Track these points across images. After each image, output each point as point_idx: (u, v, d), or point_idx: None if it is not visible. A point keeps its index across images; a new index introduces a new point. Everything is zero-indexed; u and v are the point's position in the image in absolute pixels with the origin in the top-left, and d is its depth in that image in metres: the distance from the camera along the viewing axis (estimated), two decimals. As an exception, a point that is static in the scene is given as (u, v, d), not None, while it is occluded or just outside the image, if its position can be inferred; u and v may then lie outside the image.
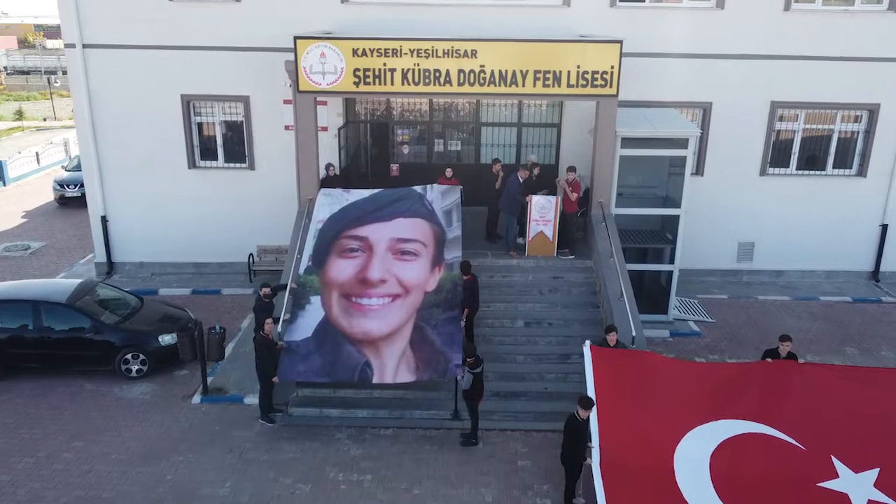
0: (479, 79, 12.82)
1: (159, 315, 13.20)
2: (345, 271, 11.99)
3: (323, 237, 12.66)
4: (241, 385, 12.06)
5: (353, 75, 12.80)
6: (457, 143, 16.65)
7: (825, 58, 15.37)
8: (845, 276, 16.94)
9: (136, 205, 16.24)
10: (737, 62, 15.35)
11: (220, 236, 16.42)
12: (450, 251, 12.42)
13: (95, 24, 15.11)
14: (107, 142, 15.85)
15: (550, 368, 11.97)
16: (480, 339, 12.12)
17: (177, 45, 15.21)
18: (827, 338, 14.37)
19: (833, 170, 16.30)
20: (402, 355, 11.01)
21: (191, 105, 15.75)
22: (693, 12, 15.18)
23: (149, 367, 12.37)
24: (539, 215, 13.20)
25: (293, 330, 11.25)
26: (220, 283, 16.41)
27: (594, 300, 12.90)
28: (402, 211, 12.94)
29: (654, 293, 14.85)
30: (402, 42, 12.64)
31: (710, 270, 16.79)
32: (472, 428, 10.71)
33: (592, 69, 12.77)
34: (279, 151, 15.59)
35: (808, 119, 16.01)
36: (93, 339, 12.17)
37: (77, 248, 18.90)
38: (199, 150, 16.10)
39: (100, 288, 13.30)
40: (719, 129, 15.77)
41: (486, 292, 12.68)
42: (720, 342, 14.12)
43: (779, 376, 10.09)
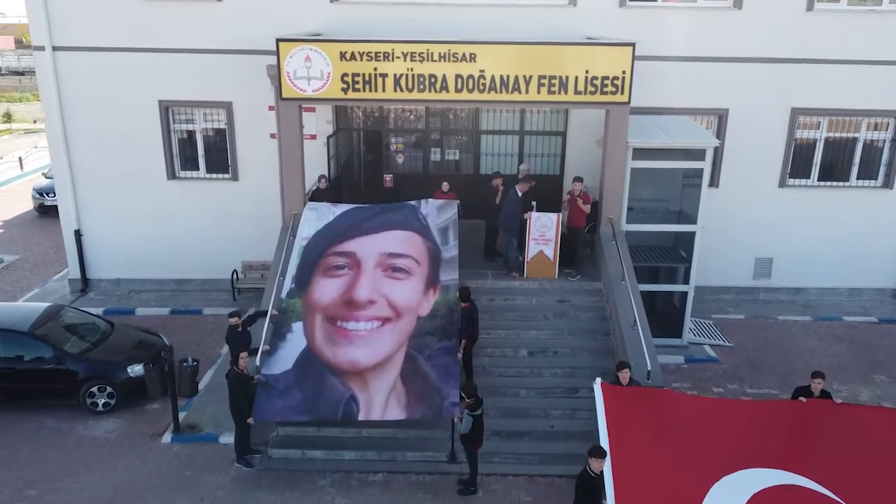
0: (479, 85, 11.76)
1: (131, 341, 12.15)
2: (329, 292, 10.94)
3: (307, 255, 11.60)
4: (217, 421, 10.99)
5: (341, 81, 11.74)
6: (455, 152, 15.58)
7: (850, 61, 14.31)
8: (869, 293, 15.87)
9: (112, 218, 15.18)
10: (755, 66, 14.28)
11: (202, 251, 15.35)
12: (446, 272, 11.36)
13: (66, 25, 14.05)
14: (80, 151, 14.79)
15: (556, 404, 10.91)
16: (480, 371, 11.07)
17: (154, 47, 14.15)
18: (854, 364, 13.30)
19: (857, 181, 15.23)
20: (392, 389, 9.94)
21: (170, 111, 14.69)
22: (708, 12, 14.12)
23: (117, 400, 11.31)
24: (538, 234, 12.13)
25: (272, 362, 10.19)
26: (201, 301, 15.34)
27: (604, 327, 11.84)
28: (394, 223, 11.90)
29: (666, 314, 13.78)
30: (395, 45, 11.58)
31: (725, 288, 15.73)
32: (470, 475, 9.64)
33: (602, 74, 11.71)
34: (265, 161, 14.51)
35: (831, 127, 14.94)
36: (55, 370, 11.11)
37: (53, 262, 17.83)
38: (179, 159, 15.03)
39: (66, 313, 12.24)
40: (736, 138, 14.71)
41: (486, 317, 11.63)
42: (739, 369, 13.06)
43: (814, 419, 9.04)
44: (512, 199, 12.52)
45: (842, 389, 12.44)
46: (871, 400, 12.20)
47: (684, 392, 12.13)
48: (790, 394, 10.46)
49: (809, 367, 12.97)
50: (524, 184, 12.68)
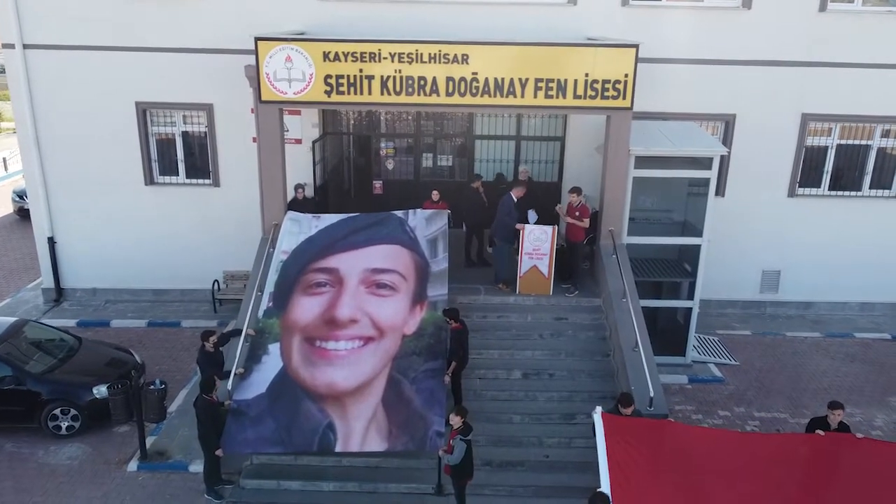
0: (472, 88, 11.02)
1: (99, 359, 11.39)
2: (310, 311, 10.20)
3: (287, 271, 10.86)
4: (187, 447, 10.24)
5: (325, 83, 11.00)
6: (448, 157, 14.84)
7: (865, 65, 13.56)
8: (882, 308, 15.13)
9: (87, 225, 14.43)
10: (764, 69, 13.54)
11: (181, 260, 14.61)
12: (434, 287, 10.63)
13: (38, 22, 13.29)
14: (53, 155, 14.04)
15: (552, 431, 10.15)
16: (470, 395, 10.33)
17: (131, 46, 13.39)
18: (868, 386, 12.56)
19: (870, 190, 14.49)
20: (373, 417, 9.21)
21: (147, 114, 13.94)
22: (716, 13, 13.37)
23: (81, 423, 10.56)
24: (532, 248, 11.38)
25: (245, 387, 9.45)
26: (180, 313, 14.59)
27: (604, 347, 11.10)
28: (379, 237, 11.15)
29: (669, 331, 13.05)
30: (382, 45, 10.83)
31: (731, 301, 15.00)
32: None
33: (603, 78, 10.97)
34: (247, 166, 13.69)
35: (843, 133, 14.20)
36: (14, 390, 10.35)
37: (28, 269, 17.06)
38: (157, 164, 14.27)
39: (30, 328, 11.48)
40: (743, 145, 13.96)
41: (478, 336, 10.89)
42: (746, 390, 12.32)
43: (832, 456, 8.29)
44: (506, 203, 11.79)
45: (855, 413, 11.70)
46: (886, 425, 11.47)
47: (690, 418, 11.47)
48: (801, 418, 9.81)
49: (820, 389, 12.39)
50: (520, 188, 11.95)
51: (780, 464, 8.22)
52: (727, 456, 8.37)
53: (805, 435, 8.76)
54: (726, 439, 8.99)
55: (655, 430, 8.72)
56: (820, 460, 8.29)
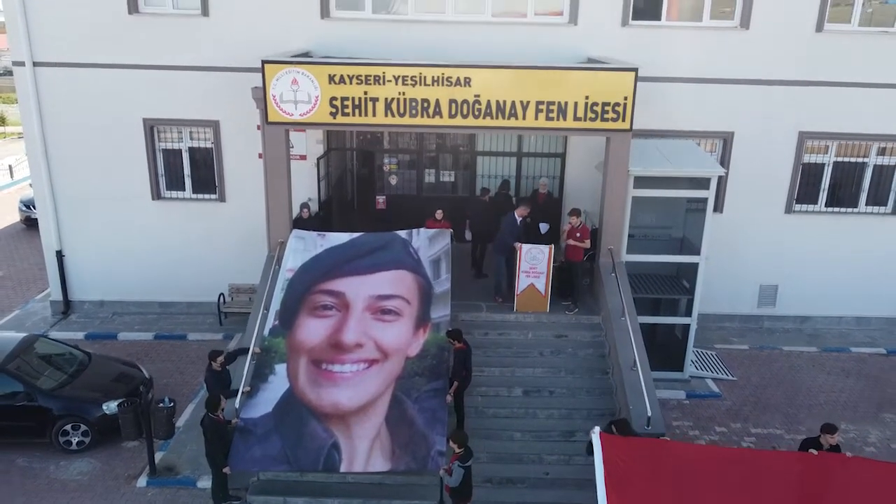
0: (474, 110, 11.23)
1: (108, 374, 11.63)
2: (316, 333, 10.40)
3: (293, 290, 11.07)
4: (196, 463, 10.46)
5: (330, 105, 11.22)
6: (450, 173, 15.06)
7: (860, 84, 13.77)
8: (878, 322, 15.34)
9: (95, 239, 14.66)
10: (762, 88, 13.76)
11: (188, 274, 14.84)
12: (437, 309, 10.84)
13: (47, 40, 13.51)
14: (61, 169, 14.27)
15: (552, 448, 10.37)
16: (472, 412, 10.55)
17: (138, 63, 13.62)
18: (863, 402, 12.77)
19: (866, 207, 14.69)
20: (377, 437, 9.43)
21: (155, 130, 14.17)
22: (714, 33, 13.58)
23: (91, 438, 10.79)
24: (529, 266, 11.59)
25: (252, 406, 9.67)
26: (187, 325, 14.82)
27: (603, 364, 11.31)
28: (384, 262, 11.34)
29: (667, 346, 13.26)
30: (386, 68, 11.05)
31: (729, 316, 15.21)
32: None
33: (603, 100, 11.18)
34: (253, 181, 13.94)
35: (840, 151, 14.41)
36: (26, 407, 10.59)
37: (37, 280, 17.29)
38: (164, 179, 14.50)
39: (41, 343, 11.71)
40: (741, 162, 14.18)
41: (479, 353, 11.07)
42: (743, 406, 12.53)
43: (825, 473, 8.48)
44: (509, 222, 12.01)
45: (850, 430, 11.92)
46: (880, 441, 11.69)
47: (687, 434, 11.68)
48: (797, 434, 10.06)
49: (816, 405, 12.61)
50: (523, 208, 12.15)
51: (774, 481, 8.42)
52: (723, 473, 8.55)
53: (798, 453, 8.97)
54: (722, 456, 9.19)
55: (652, 448, 8.90)
56: (812, 478, 8.49)
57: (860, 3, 13.47)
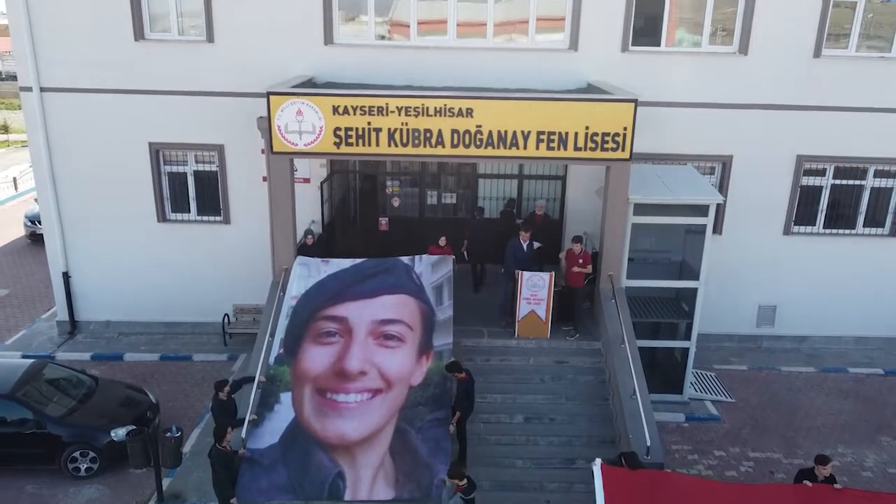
0: (476, 140, 11.40)
1: (115, 399, 11.80)
2: (320, 361, 10.58)
3: (297, 318, 11.24)
4: (202, 490, 10.62)
5: (334, 135, 11.39)
6: (452, 195, 15.22)
7: (858, 108, 13.93)
8: (875, 342, 15.49)
9: (101, 260, 14.83)
10: (761, 112, 13.91)
11: (193, 295, 15.01)
12: (440, 336, 11.01)
13: (54, 66, 13.68)
14: (68, 192, 14.45)
15: (552, 475, 10.53)
16: (474, 439, 10.72)
17: (144, 89, 13.79)
18: (860, 424, 12.92)
19: (864, 229, 14.85)
20: (381, 465, 9.61)
21: (160, 154, 14.34)
22: (713, 58, 13.75)
23: (100, 465, 10.96)
24: (529, 293, 11.76)
25: (258, 435, 9.84)
26: (192, 346, 14.99)
27: (603, 391, 11.48)
28: (387, 286, 11.52)
29: (667, 367, 13.41)
30: (389, 99, 11.22)
31: (728, 335, 15.36)
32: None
33: (603, 130, 11.35)
34: (257, 204, 14.12)
35: (838, 174, 14.56)
36: (36, 434, 10.76)
37: (43, 298, 17.44)
38: (169, 202, 14.68)
39: (49, 369, 11.87)
40: (740, 184, 14.34)
41: (481, 379, 11.21)
42: (741, 429, 12.69)
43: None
44: (515, 246, 12.19)
45: (846, 453, 12.09)
46: (876, 465, 11.83)
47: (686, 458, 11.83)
48: (794, 458, 10.19)
49: (814, 428, 12.76)
50: (527, 232, 12.32)
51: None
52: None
53: (794, 486, 9.13)
54: (720, 490, 9.37)
55: (652, 480, 9.07)
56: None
57: (857, 30, 13.62)
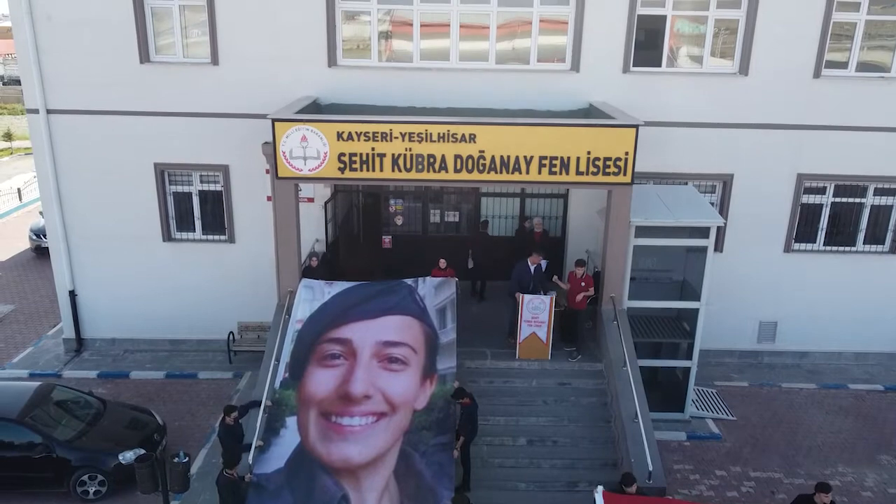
0: (479, 165, 11.52)
1: (122, 422, 11.93)
2: (325, 384, 10.70)
3: (302, 341, 11.37)
4: (210, 513, 10.78)
5: (338, 161, 11.51)
6: (454, 213, 15.35)
7: (858, 128, 14.03)
8: (875, 357, 15.60)
9: (107, 279, 14.97)
10: (761, 132, 14.03)
11: (198, 312, 15.15)
12: (443, 360, 11.13)
13: (60, 88, 13.82)
14: (74, 212, 14.58)
15: (555, 499, 10.65)
16: (478, 462, 10.84)
17: (149, 110, 13.92)
18: (860, 443, 13.02)
19: (864, 246, 14.95)
20: (385, 489, 9.73)
21: (165, 174, 14.47)
22: (714, 78, 13.85)
23: (108, 487, 11.09)
24: (531, 316, 11.88)
25: (264, 461, 9.97)
26: (197, 363, 15.13)
27: (605, 413, 11.59)
28: (390, 307, 11.65)
29: (668, 386, 13.54)
30: (393, 125, 11.34)
31: (729, 351, 15.48)
32: (464, 584, 9.40)
33: (605, 155, 11.46)
34: (261, 223, 14.28)
35: (838, 192, 14.66)
36: (45, 458, 10.88)
37: (48, 314, 17.59)
38: (174, 221, 14.80)
39: (57, 392, 11.99)
40: (740, 203, 14.45)
41: (485, 402, 11.37)
42: (742, 448, 12.79)
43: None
44: (521, 270, 12.29)
45: (847, 473, 12.20)
46: (877, 486, 11.94)
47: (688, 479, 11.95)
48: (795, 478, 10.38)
49: (814, 447, 12.87)
50: (536, 256, 12.41)
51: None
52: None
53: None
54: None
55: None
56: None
57: (857, 50, 13.73)
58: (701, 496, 11.57)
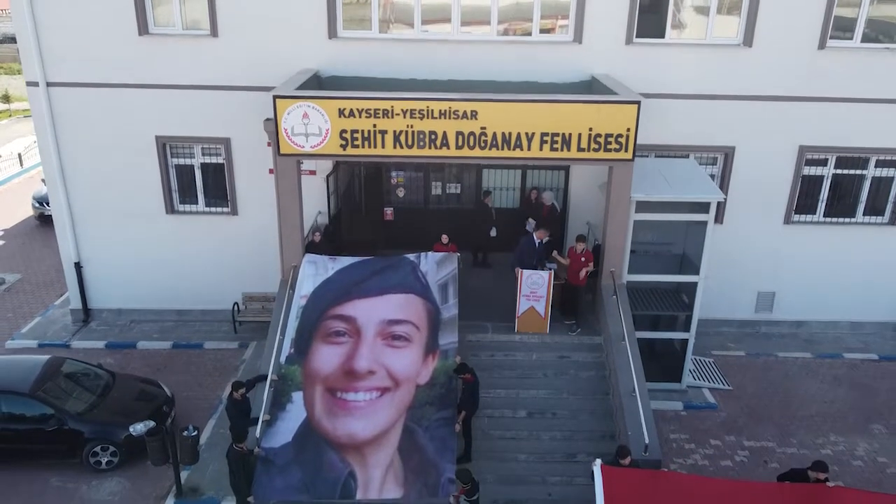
0: (480, 142, 11.53)
1: (132, 394, 12.21)
2: (329, 361, 10.93)
3: (306, 317, 11.56)
4: (219, 483, 11.08)
5: (340, 137, 11.52)
6: (456, 185, 15.38)
7: (861, 99, 13.96)
8: (871, 327, 15.81)
9: (111, 251, 15.10)
10: (764, 104, 13.95)
11: (202, 283, 15.33)
12: (445, 335, 11.32)
13: (60, 61, 13.72)
14: (77, 185, 14.63)
15: (554, 469, 10.97)
16: (479, 434, 11.13)
17: (149, 83, 13.85)
18: (852, 412, 13.32)
19: (864, 217, 15.02)
20: (390, 465, 10.02)
21: (167, 147, 14.47)
22: (718, 50, 13.72)
23: (119, 458, 11.43)
24: (529, 290, 12.04)
25: (272, 435, 10.24)
26: (202, 333, 15.37)
27: (604, 386, 11.85)
28: (393, 285, 11.80)
29: (666, 356, 13.78)
30: (394, 102, 11.31)
31: (727, 321, 15.69)
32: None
33: (606, 132, 11.46)
34: (264, 195, 14.30)
35: (839, 163, 14.66)
36: (58, 430, 11.20)
37: (54, 283, 17.79)
38: (177, 194, 14.86)
39: (68, 365, 12.25)
40: (742, 175, 14.47)
41: (485, 375, 11.63)
42: (737, 418, 13.09)
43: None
44: (528, 244, 12.40)
45: (839, 442, 12.51)
46: (867, 455, 12.25)
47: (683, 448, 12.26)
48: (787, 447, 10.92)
49: (808, 416, 13.17)
50: (543, 231, 12.51)
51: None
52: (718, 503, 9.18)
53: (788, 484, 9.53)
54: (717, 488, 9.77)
55: (651, 480, 9.49)
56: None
57: (863, 20, 13.56)
58: (695, 465, 11.91)
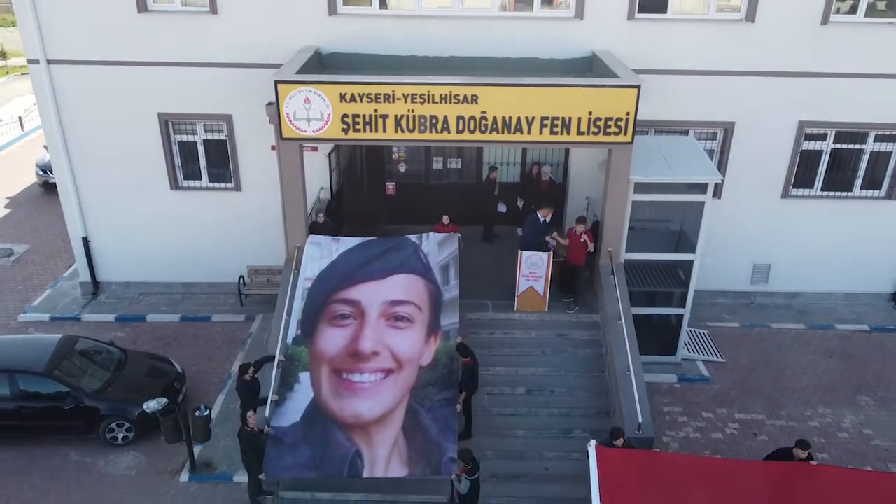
0: (481, 126, 11.62)
1: (144, 371, 12.64)
2: (335, 343, 11.28)
3: (312, 299, 11.86)
4: (230, 458, 11.60)
5: (342, 122, 11.61)
6: (457, 160, 15.49)
7: (862, 74, 13.94)
8: (865, 298, 16.13)
9: (118, 226, 15.34)
10: (765, 80, 13.94)
11: (208, 257, 15.62)
12: (447, 316, 11.64)
13: (60, 38, 13.70)
14: (82, 162, 14.77)
15: (552, 445, 11.44)
16: (479, 411, 11.57)
17: (150, 60, 13.85)
18: (842, 384, 13.73)
19: (861, 191, 15.16)
20: (395, 444, 10.46)
21: (170, 124, 14.54)
22: (720, 25, 13.64)
23: (135, 433, 11.91)
24: (529, 271, 12.32)
25: (281, 414, 10.68)
26: (210, 306, 15.73)
27: (601, 364, 12.23)
28: (396, 266, 12.07)
29: (661, 329, 14.11)
30: (395, 87, 11.36)
31: (723, 292, 16.01)
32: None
33: (606, 115, 11.54)
34: (266, 171, 14.41)
35: (839, 138, 14.72)
36: (74, 408, 11.65)
37: (63, 253, 18.06)
38: (181, 170, 15.00)
39: (80, 343, 12.63)
40: (740, 150, 14.56)
41: (485, 353, 12.02)
42: (730, 390, 13.52)
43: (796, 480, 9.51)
44: (533, 222, 12.60)
45: (826, 414, 12.96)
46: (853, 427, 12.71)
47: (676, 420, 12.71)
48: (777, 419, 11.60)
49: (798, 388, 13.59)
50: (547, 209, 12.69)
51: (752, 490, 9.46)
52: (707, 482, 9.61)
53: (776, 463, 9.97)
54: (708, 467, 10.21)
55: (644, 460, 9.93)
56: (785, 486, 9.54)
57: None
58: (687, 438, 12.39)
